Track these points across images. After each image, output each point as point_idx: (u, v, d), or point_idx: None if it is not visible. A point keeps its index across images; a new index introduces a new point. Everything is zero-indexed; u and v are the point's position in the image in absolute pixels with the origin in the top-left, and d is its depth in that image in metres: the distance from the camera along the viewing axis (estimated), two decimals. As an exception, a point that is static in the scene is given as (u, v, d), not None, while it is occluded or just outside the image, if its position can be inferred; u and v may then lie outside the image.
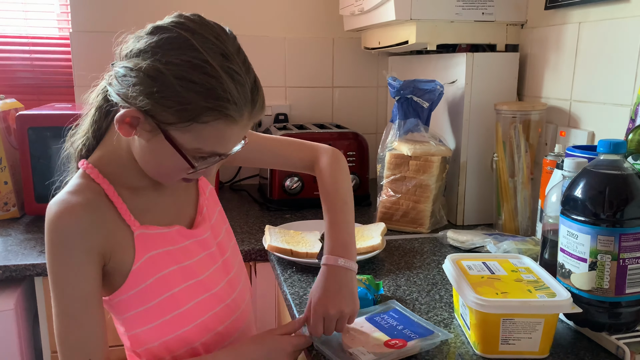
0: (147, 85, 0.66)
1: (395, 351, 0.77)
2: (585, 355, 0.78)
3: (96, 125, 0.79)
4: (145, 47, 0.68)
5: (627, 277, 0.74)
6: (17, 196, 1.48)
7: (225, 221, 0.94)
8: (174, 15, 0.71)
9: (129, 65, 0.68)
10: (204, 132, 0.68)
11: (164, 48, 0.67)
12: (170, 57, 0.66)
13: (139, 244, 0.76)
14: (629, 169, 0.75)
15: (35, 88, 1.83)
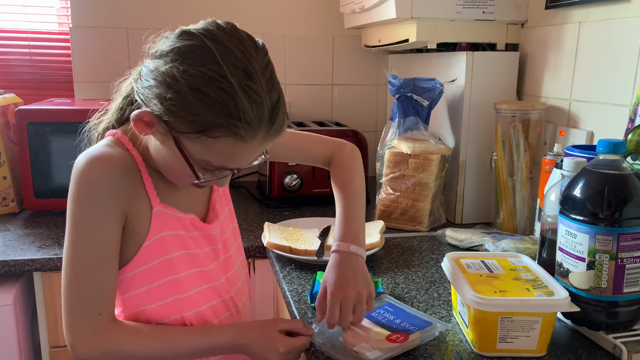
0: (163, 90, 0.66)
1: (400, 345, 0.77)
2: (582, 353, 0.79)
3: (120, 113, 0.81)
4: (168, 51, 0.67)
5: (624, 276, 0.74)
6: (16, 191, 1.48)
7: (234, 220, 0.96)
8: (207, 22, 0.70)
9: (150, 65, 0.69)
10: (214, 146, 0.67)
11: (184, 55, 0.66)
12: (188, 65, 0.65)
13: (155, 220, 0.76)
14: (628, 169, 0.76)
15: (34, 83, 1.82)
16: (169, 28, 0.73)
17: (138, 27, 1.76)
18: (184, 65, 0.65)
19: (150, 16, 1.76)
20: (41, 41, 1.82)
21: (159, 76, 0.66)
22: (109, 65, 1.77)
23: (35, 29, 1.81)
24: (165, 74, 0.66)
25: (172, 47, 0.67)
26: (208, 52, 0.65)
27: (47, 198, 1.44)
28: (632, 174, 0.75)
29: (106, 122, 0.84)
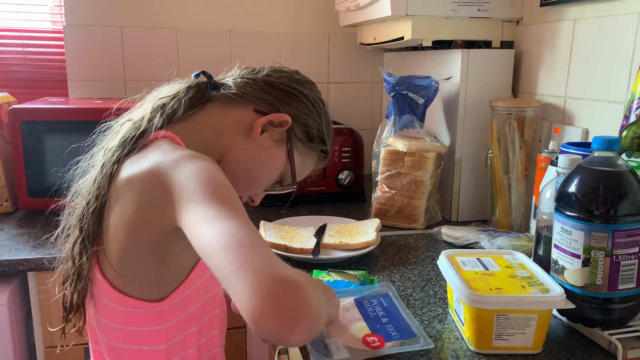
0: (300, 101, 0.81)
1: (370, 351, 0.75)
2: (577, 350, 0.79)
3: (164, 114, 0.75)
4: (291, 75, 0.84)
5: (620, 273, 0.74)
6: (10, 191, 1.47)
7: None
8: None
9: (280, 80, 0.81)
10: (307, 160, 0.85)
11: (308, 83, 0.86)
12: (314, 93, 0.85)
13: None
14: (622, 165, 0.76)
15: (28, 82, 1.81)
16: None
17: (132, 25, 1.75)
18: (312, 89, 0.85)
19: (144, 14, 1.75)
20: (35, 40, 1.81)
21: (297, 91, 0.81)
22: (104, 63, 1.76)
23: (28, 27, 1.80)
24: (303, 90, 0.82)
25: (292, 74, 0.85)
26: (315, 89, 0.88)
27: (41, 197, 1.43)
28: (627, 171, 0.75)
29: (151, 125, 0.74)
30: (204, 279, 0.75)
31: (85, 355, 1.27)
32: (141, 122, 0.74)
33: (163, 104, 0.76)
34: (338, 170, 1.59)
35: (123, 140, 0.72)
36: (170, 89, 0.80)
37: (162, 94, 0.80)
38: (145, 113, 0.75)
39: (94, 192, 0.70)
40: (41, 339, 1.24)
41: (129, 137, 0.72)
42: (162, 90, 0.81)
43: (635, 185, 0.74)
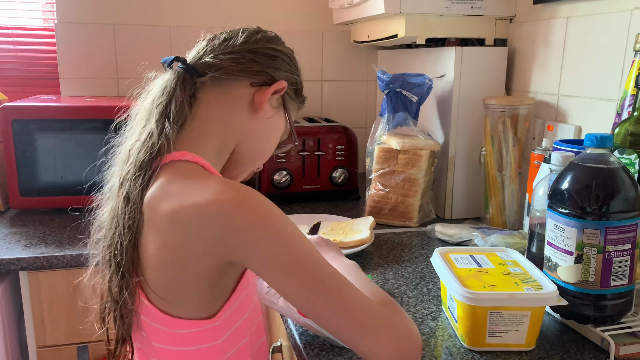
0: (285, 62, 0.80)
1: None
2: (570, 347, 0.79)
3: (174, 119, 0.71)
4: (265, 37, 0.80)
5: (612, 269, 0.75)
6: (1, 190, 1.46)
7: None
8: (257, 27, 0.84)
9: (261, 46, 0.78)
10: (295, 111, 0.87)
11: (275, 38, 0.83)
12: (275, 44, 0.80)
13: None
14: (615, 162, 0.76)
15: (19, 80, 1.80)
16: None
17: (125, 22, 1.74)
18: (280, 43, 0.82)
19: (136, 12, 1.74)
20: (26, 37, 1.79)
21: (279, 52, 0.79)
22: (96, 61, 1.75)
23: (20, 25, 1.78)
24: (282, 49, 0.80)
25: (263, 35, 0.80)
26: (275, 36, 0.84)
27: (33, 196, 1.42)
28: (619, 168, 0.75)
29: (155, 134, 0.70)
30: (248, 289, 0.74)
31: (78, 354, 1.26)
32: (151, 139, 0.69)
33: (164, 110, 0.71)
34: (332, 168, 1.59)
35: (140, 165, 0.68)
36: (161, 88, 0.74)
37: (154, 94, 0.74)
38: (152, 127, 0.70)
39: (126, 224, 0.66)
40: (33, 339, 1.23)
41: (145, 161, 0.68)
42: (152, 91, 0.75)
43: (627, 182, 0.74)
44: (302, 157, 1.56)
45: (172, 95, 0.72)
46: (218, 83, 0.75)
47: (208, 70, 0.75)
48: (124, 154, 0.72)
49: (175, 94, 0.72)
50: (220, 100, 0.76)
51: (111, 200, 0.72)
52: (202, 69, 0.75)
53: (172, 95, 0.72)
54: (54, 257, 1.17)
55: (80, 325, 1.23)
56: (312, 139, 1.56)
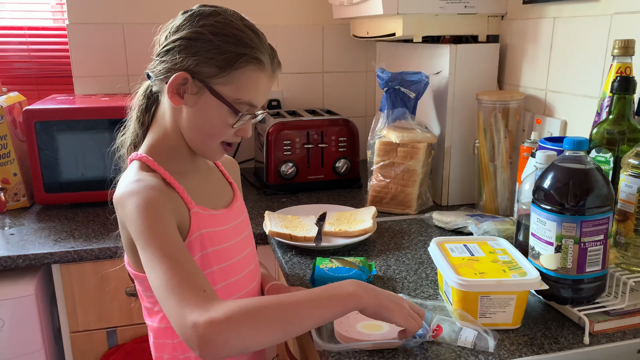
0: (191, 47, 0.82)
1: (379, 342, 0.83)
2: (552, 324, 0.90)
3: (140, 122, 0.91)
4: (181, 22, 0.84)
5: (587, 257, 0.85)
6: (27, 187, 1.56)
7: (245, 211, 1.04)
8: (196, 5, 0.88)
9: (170, 41, 0.84)
10: (241, 79, 0.83)
11: (197, 18, 0.84)
12: (203, 22, 0.83)
13: (194, 220, 0.85)
14: (590, 163, 0.86)
15: (33, 79, 1.88)
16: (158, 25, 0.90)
17: (133, 22, 1.81)
18: (200, 22, 0.83)
19: (144, 11, 1.81)
20: (38, 37, 1.86)
21: (184, 39, 0.82)
22: (107, 60, 1.83)
23: (32, 25, 1.85)
24: (189, 34, 0.82)
25: (182, 19, 0.85)
26: (212, 10, 0.85)
27: (56, 192, 1.52)
28: (593, 169, 0.85)
29: (130, 138, 0.93)
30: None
31: (107, 337, 1.37)
32: (130, 138, 0.92)
33: (137, 116, 0.91)
34: (335, 159, 1.69)
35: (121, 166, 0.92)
36: (136, 97, 0.92)
37: (134, 103, 0.92)
38: (132, 128, 0.92)
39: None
40: (67, 324, 1.34)
41: (125, 158, 0.93)
42: (136, 96, 0.92)
43: (600, 181, 0.84)
44: (307, 149, 1.66)
45: (140, 102, 0.91)
46: (159, 85, 0.87)
47: (150, 77, 0.89)
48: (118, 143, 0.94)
49: (140, 101, 0.91)
50: (162, 101, 0.89)
51: None
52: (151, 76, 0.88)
53: (140, 102, 0.91)
54: (83, 251, 1.27)
55: (108, 311, 1.35)
56: (316, 132, 1.66)
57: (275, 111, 1.86)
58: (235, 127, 0.86)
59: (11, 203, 1.53)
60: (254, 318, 0.68)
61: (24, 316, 1.27)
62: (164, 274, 0.71)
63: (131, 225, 0.77)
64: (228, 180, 1.02)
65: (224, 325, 0.66)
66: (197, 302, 0.68)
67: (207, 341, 0.65)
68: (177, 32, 0.83)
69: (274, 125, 1.63)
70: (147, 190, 0.79)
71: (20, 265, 1.24)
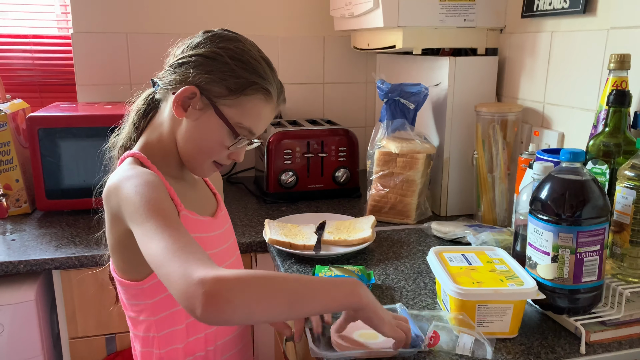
0: (206, 64, 0.85)
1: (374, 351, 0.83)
2: (549, 334, 0.91)
3: (135, 125, 0.93)
4: (201, 40, 0.88)
5: (583, 268, 0.86)
6: (28, 193, 1.57)
7: (229, 221, 1.05)
8: (219, 28, 0.92)
9: (186, 55, 0.87)
10: (247, 105, 0.86)
11: (218, 39, 0.88)
12: (224, 44, 0.87)
13: (182, 223, 0.84)
14: (587, 174, 0.87)
15: (37, 86, 1.89)
16: (178, 39, 0.94)
17: (136, 31, 1.83)
18: (220, 44, 0.86)
19: (147, 21, 1.83)
20: (43, 45, 1.89)
21: (201, 56, 0.85)
22: (110, 68, 1.85)
23: (37, 33, 1.87)
24: (207, 53, 0.86)
25: (203, 38, 0.88)
26: (234, 36, 0.89)
27: (58, 199, 1.53)
28: (589, 180, 0.86)
29: (122, 140, 0.95)
30: None
31: (106, 344, 1.38)
32: (123, 140, 0.95)
33: (134, 119, 0.93)
34: (335, 168, 1.70)
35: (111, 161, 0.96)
36: (137, 101, 0.94)
37: (134, 107, 0.94)
38: (127, 131, 0.94)
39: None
40: (66, 330, 1.35)
41: (115, 156, 0.96)
42: (137, 100, 0.94)
43: (596, 192, 0.86)
44: (307, 159, 1.67)
45: (139, 106, 0.94)
46: (164, 94, 0.90)
47: (155, 88, 0.92)
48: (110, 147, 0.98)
49: (140, 105, 0.94)
50: (162, 109, 0.91)
51: None
52: (158, 84, 0.91)
53: (139, 106, 0.94)
54: (84, 257, 1.28)
55: (107, 318, 1.35)
56: (316, 141, 1.67)
57: (276, 121, 1.88)
58: (230, 149, 0.89)
59: (13, 209, 1.55)
60: (262, 284, 0.67)
61: (24, 322, 1.28)
62: (166, 240, 0.69)
63: (127, 204, 0.76)
64: (212, 191, 1.04)
65: (232, 284, 0.64)
66: (203, 263, 0.66)
67: (213, 297, 0.62)
68: (195, 48, 0.87)
69: (274, 135, 1.65)
70: (146, 174, 0.80)
71: (21, 271, 1.25)
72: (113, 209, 0.81)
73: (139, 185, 0.77)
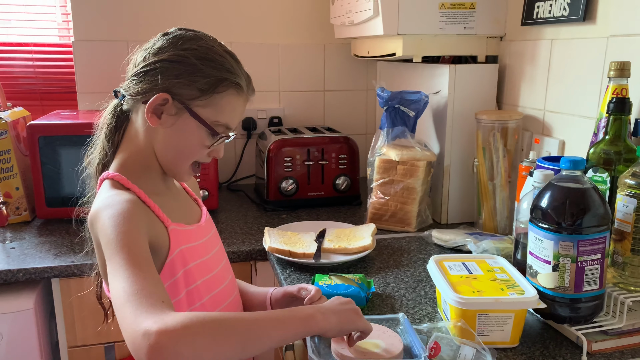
0: (173, 69, 0.83)
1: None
2: (550, 343, 0.90)
3: (109, 141, 0.90)
4: (162, 45, 0.85)
5: (584, 276, 0.85)
6: (28, 200, 1.57)
7: (214, 224, 1.04)
8: (175, 28, 0.90)
9: (150, 62, 0.84)
10: (221, 102, 0.85)
11: (179, 41, 0.86)
12: (186, 45, 0.85)
13: (173, 237, 0.85)
14: (587, 183, 0.87)
15: (38, 94, 1.90)
16: (134, 45, 0.91)
17: (137, 39, 1.83)
18: (183, 46, 0.84)
19: (148, 29, 1.84)
20: (44, 54, 1.89)
21: (167, 61, 0.83)
22: (110, 76, 1.85)
23: (38, 42, 1.88)
24: (173, 56, 0.84)
25: (164, 41, 0.85)
26: (194, 35, 0.87)
27: (58, 207, 1.53)
28: (590, 188, 0.86)
29: (98, 157, 0.92)
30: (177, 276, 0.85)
31: (105, 352, 1.37)
32: (99, 158, 0.91)
33: (106, 135, 0.90)
34: (335, 176, 1.70)
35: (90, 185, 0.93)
36: (104, 115, 0.91)
37: (102, 122, 0.91)
38: (101, 147, 0.91)
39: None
40: (65, 339, 1.34)
41: (94, 182, 0.92)
42: (104, 114, 0.91)
43: (597, 200, 0.85)
44: (307, 166, 1.67)
45: (108, 121, 0.90)
46: (133, 105, 0.87)
47: (121, 99, 0.89)
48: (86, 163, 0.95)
49: (109, 120, 0.90)
50: (134, 120, 0.88)
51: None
52: (123, 95, 0.88)
53: (108, 121, 0.90)
54: (83, 265, 1.28)
55: (106, 326, 1.35)
56: (317, 149, 1.67)
57: (277, 128, 1.88)
58: (211, 148, 0.88)
59: (13, 217, 1.54)
60: (212, 329, 0.65)
61: (23, 330, 1.27)
62: (125, 280, 0.69)
63: (103, 235, 0.76)
64: (193, 197, 1.03)
65: (179, 334, 0.62)
66: (153, 310, 0.65)
67: (158, 350, 0.61)
68: (158, 54, 0.84)
69: (274, 142, 1.65)
70: (123, 203, 0.79)
71: (20, 279, 1.25)
72: (95, 237, 0.80)
73: (113, 216, 0.76)
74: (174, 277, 0.84)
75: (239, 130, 1.99)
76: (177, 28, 0.89)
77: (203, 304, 0.89)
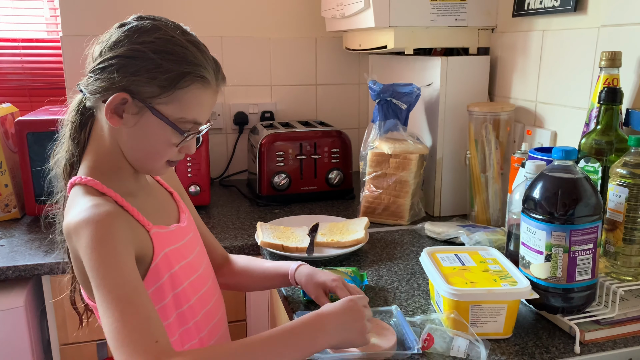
0: (130, 65, 0.77)
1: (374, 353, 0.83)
2: (543, 334, 0.90)
3: (75, 140, 0.85)
4: (118, 38, 0.79)
5: (577, 266, 0.85)
6: (17, 198, 1.55)
7: (194, 222, 1.00)
8: (134, 16, 0.84)
9: (106, 58, 0.78)
10: (185, 97, 0.79)
11: (135, 34, 0.79)
12: (143, 38, 0.78)
13: (156, 241, 0.82)
14: (579, 173, 0.87)
15: (26, 90, 1.88)
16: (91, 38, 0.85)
17: (127, 34, 1.82)
18: (139, 39, 0.78)
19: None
20: (32, 49, 1.87)
21: (123, 57, 0.77)
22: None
23: (26, 37, 1.86)
24: (128, 52, 0.77)
25: (119, 34, 0.79)
26: (152, 25, 0.80)
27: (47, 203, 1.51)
28: (582, 178, 0.86)
29: (65, 158, 0.86)
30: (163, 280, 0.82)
31: (97, 350, 1.36)
32: (65, 158, 0.85)
33: (71, 133, 0.85)
34: (328, 170, 1.69)
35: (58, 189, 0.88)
36: (68, 112, 0.86)
37: (66, 120, 0.86)
38: (67, 146, 0.86)
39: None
40: (56, 337, 1.33)
41: (61, 185, 0.88)
42: (68, 111, 0.86)
43: (589, 190, 0.85)
44: (300, 161, 1.66)
45: (72, 118, 0.85)
46: (94, 102, 0.81)
47: (83, 93, 0.83)
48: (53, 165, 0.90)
49: (73, 117, 0.85)
50: (99, 118, 0.83)
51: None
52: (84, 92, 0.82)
53: (72, 118, 0.85)
54: (74, 262, 1.26)
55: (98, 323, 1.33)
56: (309, 143, 1.66)
57: (269, 123, 1.87)
58: (179, 145, 0.83)
59: (2, 214, 1.53)
60: None
61: (13, 328, 1.26)
62: (116, 321, 0.67)
63: (85, 259, 0.72)
64: (168, 190, 0.98)
65: None
66: (146, 356, 0.65)
67: None
68: (114, 49, 0.78)
69: (266, 137, 1.64)
70: (104, 219, 0.73)
71: (10, 277, 1.23)
72: (74, 250, 0.76)
73: (94, 238, 0.71)
74: (159, 281, 0.82)
75: (231, 124, 1.98)
76: (135, 16, 0.82)
77: (191, 306, 0.87)
